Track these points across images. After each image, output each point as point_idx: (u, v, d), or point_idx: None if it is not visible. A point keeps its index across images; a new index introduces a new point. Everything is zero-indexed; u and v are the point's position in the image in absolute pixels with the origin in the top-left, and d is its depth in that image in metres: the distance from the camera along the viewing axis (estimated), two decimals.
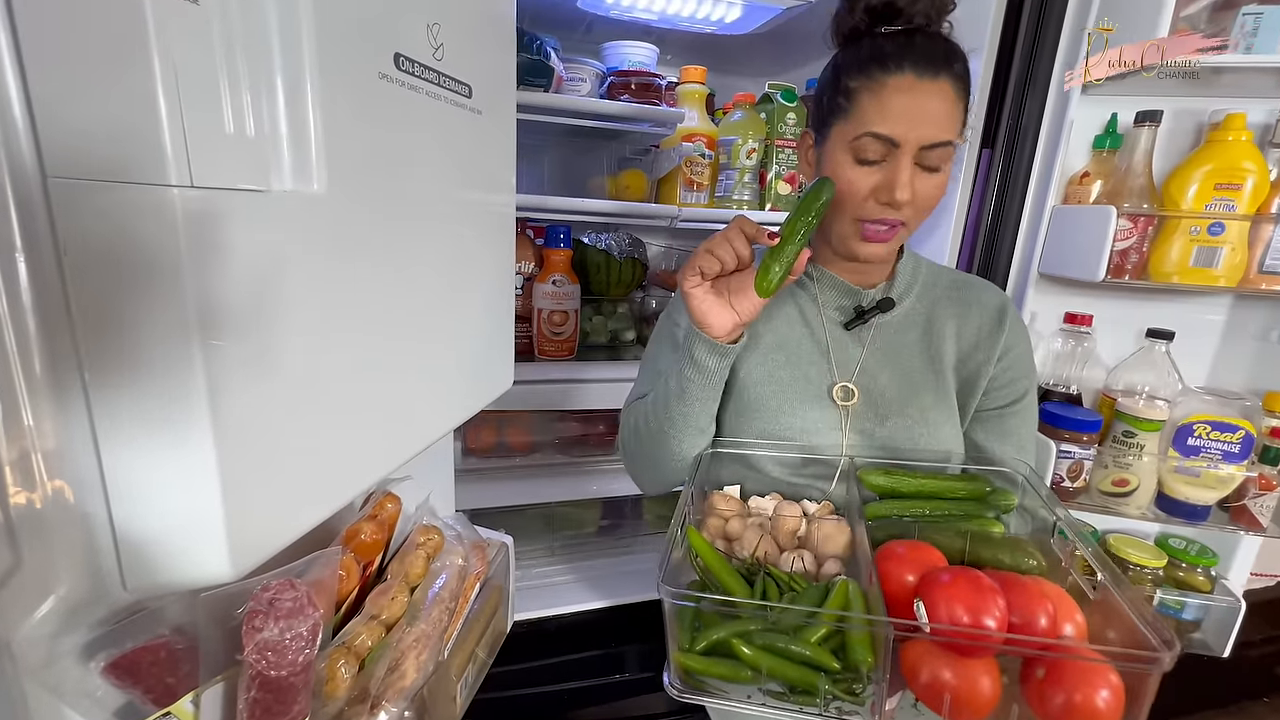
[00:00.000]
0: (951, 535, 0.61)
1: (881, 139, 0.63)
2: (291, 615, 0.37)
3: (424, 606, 0.53)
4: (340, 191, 0.40)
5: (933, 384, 0.75)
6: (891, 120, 0.62)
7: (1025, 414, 0.78)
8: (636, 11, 1.24)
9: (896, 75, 0.62)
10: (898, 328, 0.77)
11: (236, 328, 0.33)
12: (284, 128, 0.35)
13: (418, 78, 0.47)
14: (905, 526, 0.65)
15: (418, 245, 0.51)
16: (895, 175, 0.63)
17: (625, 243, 1.45)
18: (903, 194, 0.63)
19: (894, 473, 0.69)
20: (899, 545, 0.58)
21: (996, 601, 0.48)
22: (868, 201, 0.66)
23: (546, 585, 1.25)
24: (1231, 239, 0.91)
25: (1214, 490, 1.01)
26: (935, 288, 0.79)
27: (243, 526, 0.34)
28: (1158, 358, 1.04)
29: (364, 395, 0.45)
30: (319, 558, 0.41)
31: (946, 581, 0.50)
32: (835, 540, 0.63)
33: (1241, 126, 0.91)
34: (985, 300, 0.77)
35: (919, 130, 0.62)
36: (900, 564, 0.55)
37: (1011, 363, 0.76)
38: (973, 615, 0.47)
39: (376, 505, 0.54)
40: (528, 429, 1.33)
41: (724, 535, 0.68)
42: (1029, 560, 0.59)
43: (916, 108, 0.62)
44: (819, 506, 0.70)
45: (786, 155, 1.32)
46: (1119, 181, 0.99)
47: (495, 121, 0.62)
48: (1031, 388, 0.79)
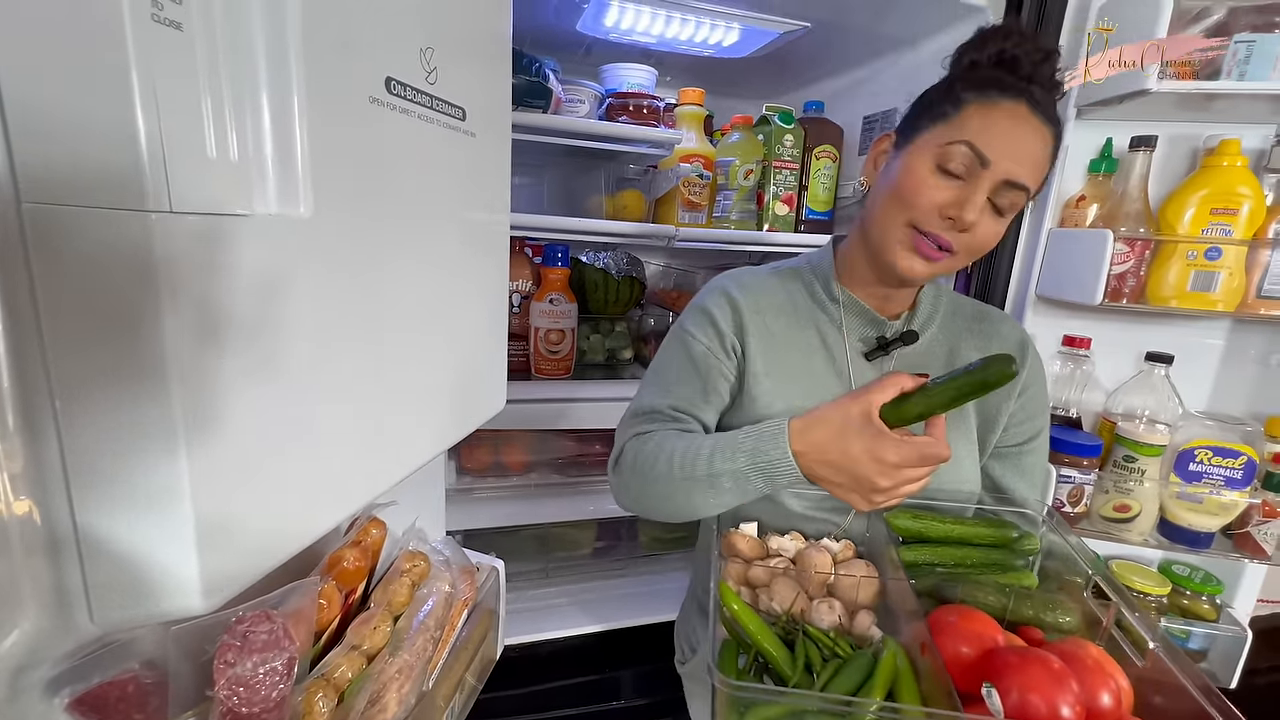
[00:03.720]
0: (990, 591, 0.60)
1: (975, 152, 0.61)
2: (266, 649, 0.36)
3: (408, 635, 0.52)
4: (328, 215, 0.40)
5: (956, 419, 0.73)
6: (992, 137, 0.61)
7: (1040, 451, 0.78)
8: (635, 35, 1.26)
9: (1013, 102, 0.61)
10: (919, 359, 0.75)
11: (216, 353, 0.33)
12: (269, 151, 0.35)
13: (410, 101, 0.47)
14: (938, 577, 0.63)
15: (408, 268, 0.51)
16: (972, 194, 0.61)
17: (624, 262, 1.45)
18: (971, 214, 0.61)
19: (921, 515, 0.67)
20: (949, 613, 0.55)
21: (1071, 687, 0.45)
22: (932, 213, 0.63)
23: (540, 608, 1.23)
24: (1229, 263, 0.91)
25: (1217, 517, 0.99)
26: (956, 318, 0.78)
27: (217, 557, 0.33)
28: (1157, 381, 1.03)
29: (349, 420, 0.44)
30: (297, 588, 0.40)
31: (1016, 664, 0.47)
32: (865, 589, 0.62)
33: (1236, 152, 0.91)
34: (1006, 334, 0.76)
35: (1012, 159, 0.61)
36: (954, 635, 0.52)
37: (1029, 399, 0.75)
38: (1049, 705, 0.44)
39: (361, 531, 0.52)
40: (524, 448, 1.32)
41: (746, 581, 0.65)
42: (1066, 618, 0.58)
43: (1019, 137, 0.61)
44: (841, 547, 0.68)
45: (784, 176, 1.32)
46: (1115, 205, 0.99)
47: (490, 144, 0.62)
48: (1046, 424, 0.78)
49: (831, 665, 0.52)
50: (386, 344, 0.48)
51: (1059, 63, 0.66)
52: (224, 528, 0.34)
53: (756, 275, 0.79)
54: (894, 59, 1.30)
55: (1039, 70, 0.64)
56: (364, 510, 0.56)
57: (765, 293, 0.76)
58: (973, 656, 0.51)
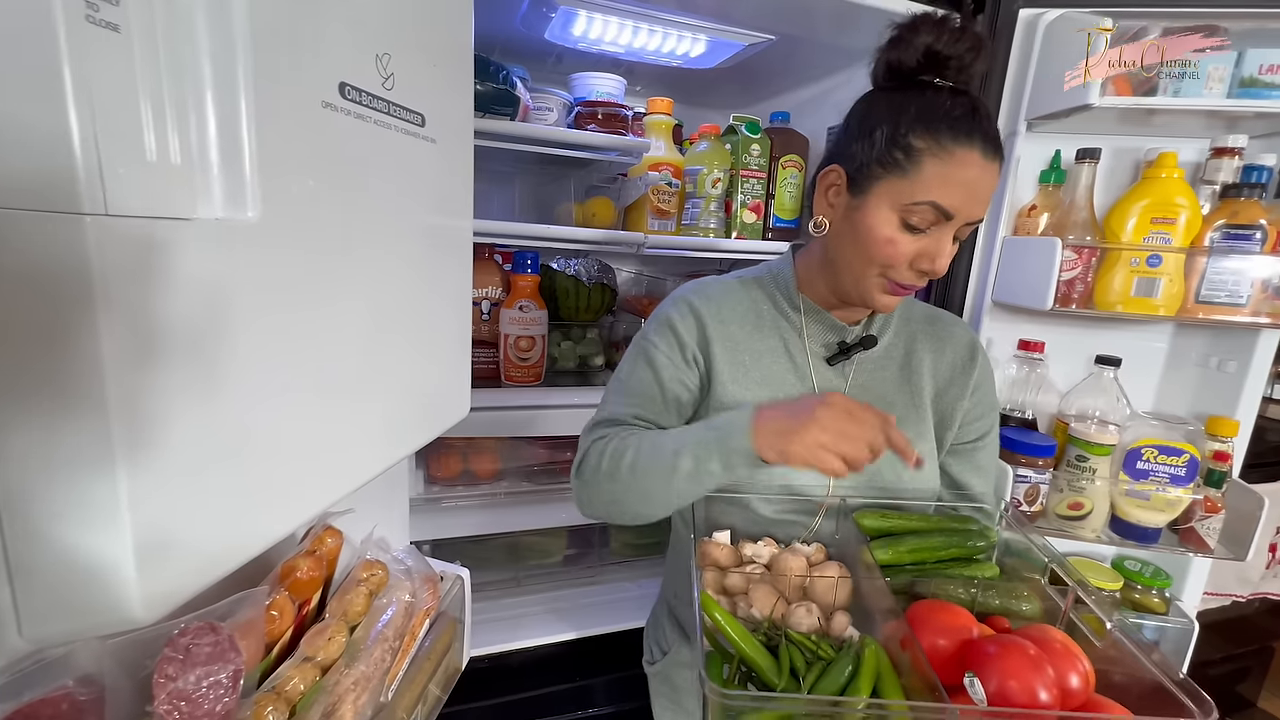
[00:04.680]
0: (957, 584, 0.62)
1: (940, 210, 0.62)
2: (210, 661, 0.36)
3: (365, 646, 0.51)
4: (279, 220, 0.40)
5: (913, 418, 0.76)
6: (952, 193, 0.61)
7: (992, 447, 0.81)
8: (604, 45, 1.27)
9: (967, 149, 0.61)
10: (877, 363, 0.77)
11: (155, 363, 0.32)
12: (215, 155, 0.34)
13: (365, 107, 0.47)
14: (908, 574, 0.65)
15: (365, 274, 0.51)
16: (941, 246, 0.63)
17: (595, 269, 1.46)
18: (944, 266, 0.64)
19: (888, 515, 0.69)
20: (924, 608, 0.57)
21: (1047, 672, 0.47)
22: (904, 266, 0.65)
23: (511, 617, 1.22)
24: (1169, 270, 0.95)
25: (1163, 513, 1.03)
26: (911, 322, 0.80)
27: (156, 569, 0.33)
28: (1106, 384, 1.08)
29: (299, 429, 0.44)
30: (246, 598, 0.40)
31: (996, 653, 0.49)
32: (840, 592, 0.64)
33: (1174, 164, 0.96)
34: (958, 336, 0.79)
35: (974, 208, 0.63)
36: (930, 629, 0.54)
37: (981, 398, 0.78)
38: (1028, 690, 0.46)
39: (315, 540, 0.52)
40: (494, 456, 1.31)
41: (723, 590, 0.65)
42: (1027, 606, 0.61)
43: (978, 186, 0.62)
44: (813, 550, 0.69)
45: (751, 185, 1.35)
46: (1064, 214, 1.03)
47: (451, 150, 0.62)
48: (996, 421, 0.81)
49: (816, 668, 0.52)
50: (340, 351, 0.48)
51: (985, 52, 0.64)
52: (164, 540, 0.33)
53: (720, 284, 0.80)
54: (858, 71, 1.34)
55: (972, 68, 0.63)
56: (319, 519, 0.55)
57: (729, 301, 0.78)
58: (950, 648, 0.52)
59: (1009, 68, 1.05)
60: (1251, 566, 1.74)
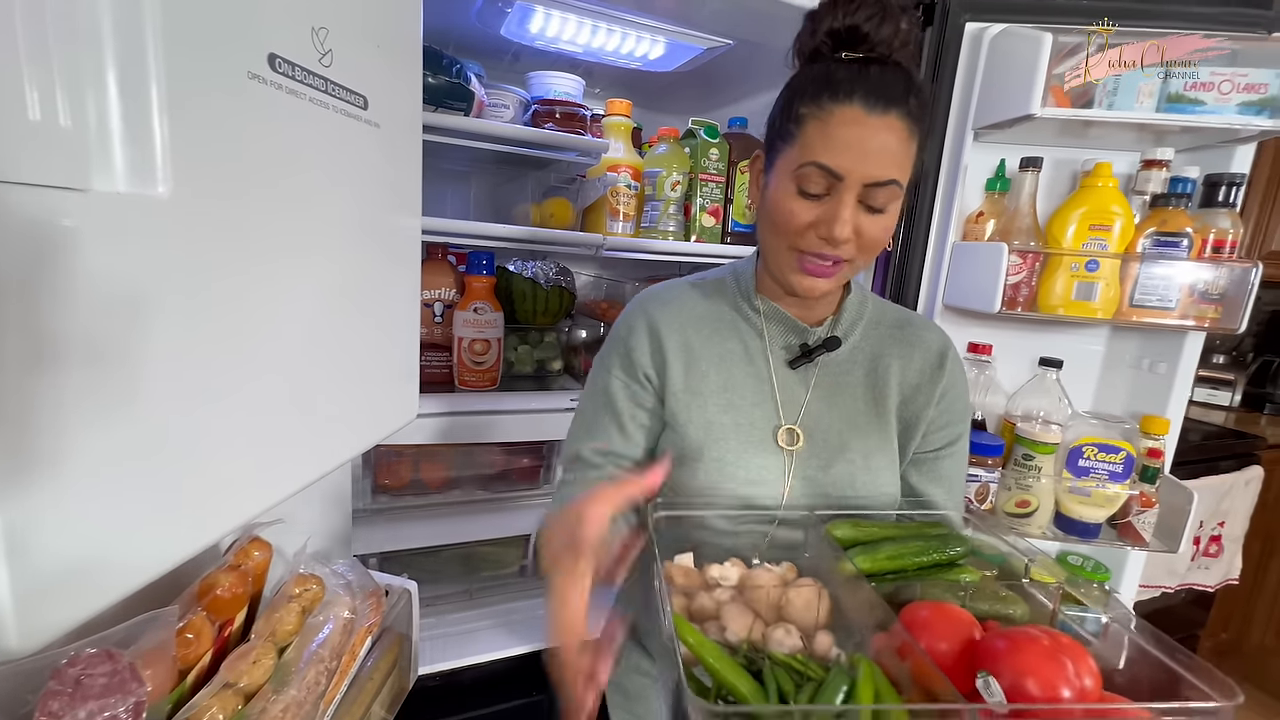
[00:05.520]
0: (944, 589, 0.58)
1: (825, 171, 0.60)
2: (106, 694, 0.31)
3: (297, 668, 0.47)
4: (197, 199, 0.36)
5: (877, 427, 0.73)
6: (836, 152, 0.59)
7: (958, 457, 0.78)
8: (561, 44, 1.25)
9: (845, 106, 0.59)
10: (842, 366, 0.74)
11: (45, 354, 0.28)
12: (116, 121, 0.31)
13: (299, 82, 0.44)
14: (890, 583, 0.61)
15: (300, 263, 0.47)
16: (837, 211, 0.60)
17: (552, 271, 1.43)
18: (842, 231, 0.60)
19: (860, 524, 0.66)
20: (920, 610, 0.52)
21: (1066, 666, 0.43)
22: (807, 234, 0.63)
23: (463, 632, 1.16)
24: (1105, 275, 1.00)
25: (1103, 508, 1.07)
26: (880, 325, 0.77)
27: (38, 590, 0.28)
28: (1049, 385, 1.12)
29: (221, 431, 0.39)
30: (152, 620, 0.35)
31: (1007, 649, 0.45)
32: (821, 608, 0.59)
33: (1109, 174, 1.01)
34: (928, 341, 0.76)
35: (864, 166, 0.59)
36: (929, 633, 0.50)
37: (949, 405, 0.75)
38: (1048, 686, 0.42)
39: (240, 554, 0.47)
40: (446, 464, 1.25)
41: (689, 615, 0.60)
42: (1016, 609, 0.57)
43: (863, 142, 0.59)
44: (785, 568, 0.65)
45: (710, 189, 1.35)
46: (1009, 221, 1.07)
47: (396, 136, 0.59)
48: (966, 431, 0.78)
49: (807, 689, 0.48)
50: (269, 348, 0.44)
51: (901, 20, 0.61)
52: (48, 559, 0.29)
53: (676, 289, 0.79)
54: None
55: (878, 33, 0.61)
56: (244, 530, 0.50)
57: (685, 306, 0.76)
58: (953, 652, 0.48)
59: (956, 79, 1.08)
60: (1179, 559, 1.84)
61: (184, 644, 0.39)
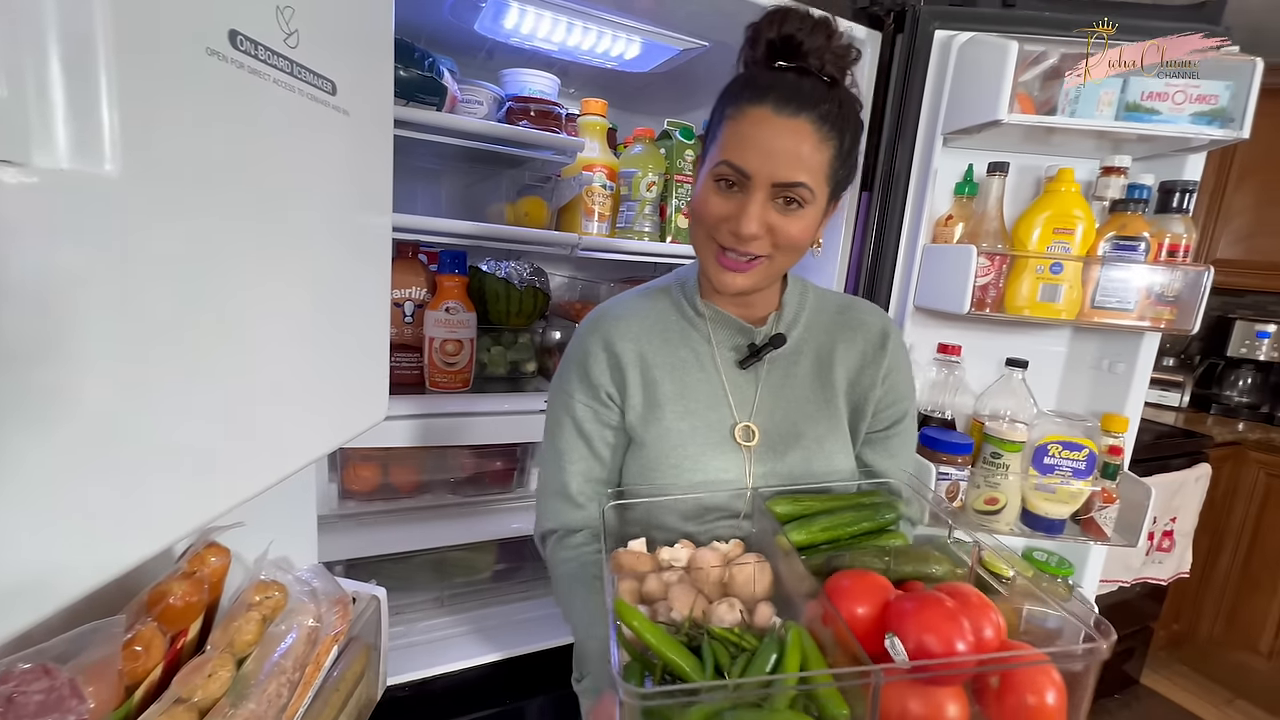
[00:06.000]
0: (871, 555, 0.62)
1: (735, 169, 0.63)
2: (42, 712, 0.29)
3: (256, 681, 0.44)
4: (149, 180, 0.34)
5: (826, 413, 0.76)
6: (744, 151, 0.62)
7: (907, 433, 0.81)
8: (536, 41, 1.24)
9: (757, 107, 0.62)
10: (789, 360, 0.77)
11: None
12: (58, 91, 0.28)
13: (263, 62, 0.42)
14: (824, 554, 0.65)
15: (261, 252, 0.44)
16: (746, 206, 0.63)
17: (526, 271, 1.41)
18: (747, 227, 0.63)
19: (800, 499, 0.69)
20: (842, 579, 0.57)
21: (963, 624, 0.48)
22: (720, 228, 0.66)
23: (434, 640, 1.13)
24: (1069, 277, 1.03)
25: (1067, 505, 1.10)
26: (822, 314, 0.79)
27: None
28: (1016, 385, 1.14)
29: (171, 430, 0.37)
30: (95, 631, 0.33)
31: (913, 610, 0.49)
32: (760, 581, 0.62)
33: (1071, 179, 1.04)
34: (869, 324, 0.78)
35: (769, 165, 0.62)
36: (850, 598, 0.54)
37: (894, 384, 0.78)
38: (946, 642, 0.47)
39: (194, 560, 0.44)
40: (416, 468, 1.22)
41: (641, 599, 0.63)
42: (938, 568, 0.61)
43: (767, 140, 0.61)
44: (731, 546, 0.68)
45: (685, 190, 1.35)
46: (977, 224, 1.09)
47: (365, 124, 0.57)
48: (912, 408, 0.81)
49: (741, 660, 0.51)
50: (224, 345, 0.41)
51: (834, 25, 0.65)
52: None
53: (624, 302, 0.80)
54: None
55: (812, 43, 0.63)
56: (199, 535, 0.48)
57: (636, 317, 0.77)
58: (872, 615, 0.52)
59: (926, 85, 1.10)
60: (1135, 554, 1.91)
61: (131, 657, 0.36)
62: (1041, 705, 0.48)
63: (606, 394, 0.75)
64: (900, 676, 0.48)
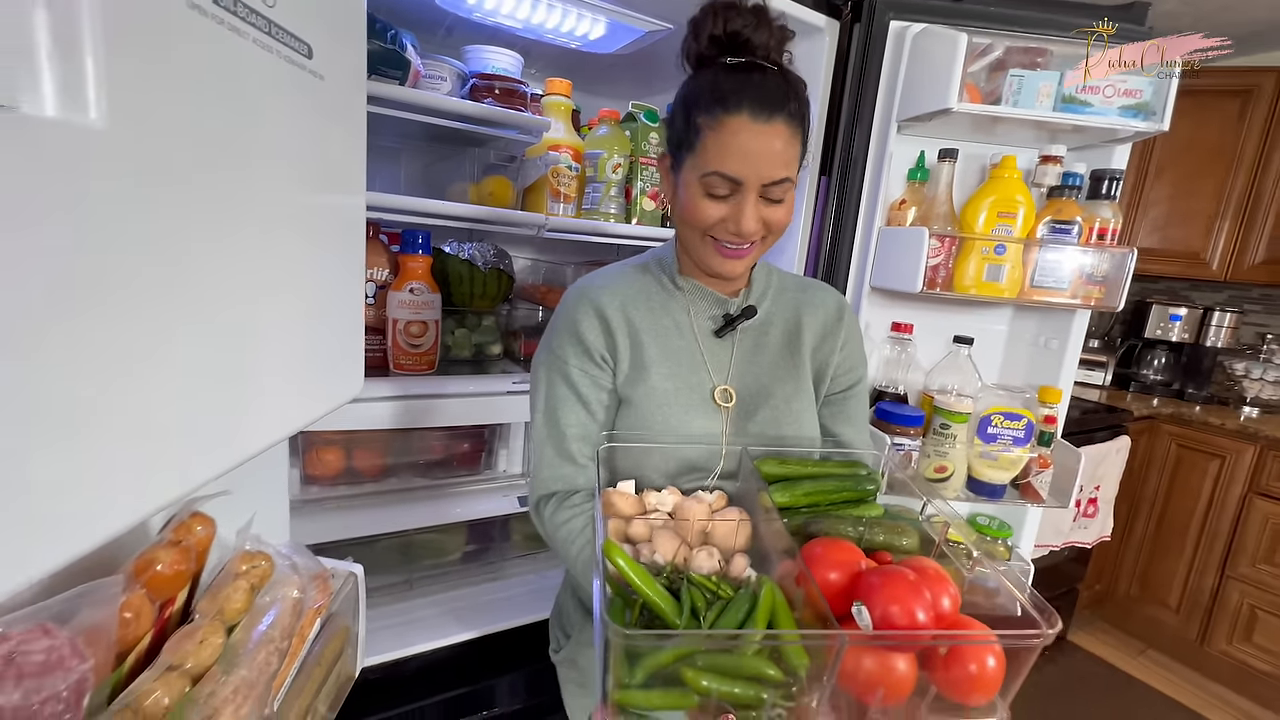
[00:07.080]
0: (847, 523, 0.66)
1: (726, 178, 0.67)
2: (44, 672, 0.28)
3: (246, 649, 0.44)
4: (130, 134, 0.33)
5: (794, 375, 0.82)
6: (733, 161, 0.66)
7: (861, 397, 0.89)
8: (499, 17, 1.22)
9: (734, 117, 0.65)
10: (759, 330, 0.83)
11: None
12: (44, 35, 0.28)
13: (242, 19, 0.41)
14: (803, 516, 0.69)
15: (242, 213, 0.44)
16: (743, 209, 0.68)
17: (490, 253, 1.39)
18: (749, 226, 0.68)
19: (786, 461, 0.74)
20: (817, 545, 0.61)
21: (924, 596, 0.52)
22: (717, 228, 0.71)
23: (404, 623, 1.12)
24: (1011, 258, 1.10)
25: (1008, 471, 1.19)
26: (786, 290, 0.87)
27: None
28: (962, 361, 1.22)
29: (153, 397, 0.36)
30: (92, 591, 0.32)
31: (880, 582, 0.53)
32: (740, 533, 0.66)
33: (1013, 166, 1.11)
34: (826, 300, 0.87)
35: (758, 170, 0.66)
36: (823, 564, 0.58)
37: (850, 352, 0.86)
38: (908, 613, 0.51)
39: (180, 528, 0.43)
40: (381, 451, 1.20)
41: (627, 538, 0.66)
42: (907, 541, 0.66)
43: (754, 149, 0.66)
44: (714, 497, 0.73)
45: (650, 173, 1.36)
46: (928, 208, 1.15)
47: (340, 89, 0.56)
48: (864, 375, 0.90)
49: (716, 607, 0.54)
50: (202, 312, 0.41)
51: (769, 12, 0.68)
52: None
53: (611, 273, 0.85)
54: None
55: (757, 38, 0.67)
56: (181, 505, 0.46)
57: (624, 285, 0.82)
58: (842, 581, 0.56)
59: (882, 74, 1.15)
60: (1064, 519, 2.06)
61: (123, 624, 0.36)
62: (983, 672, 0.53)
63: (601, 356, 0.78)
64: (864, 642, 0.53)
